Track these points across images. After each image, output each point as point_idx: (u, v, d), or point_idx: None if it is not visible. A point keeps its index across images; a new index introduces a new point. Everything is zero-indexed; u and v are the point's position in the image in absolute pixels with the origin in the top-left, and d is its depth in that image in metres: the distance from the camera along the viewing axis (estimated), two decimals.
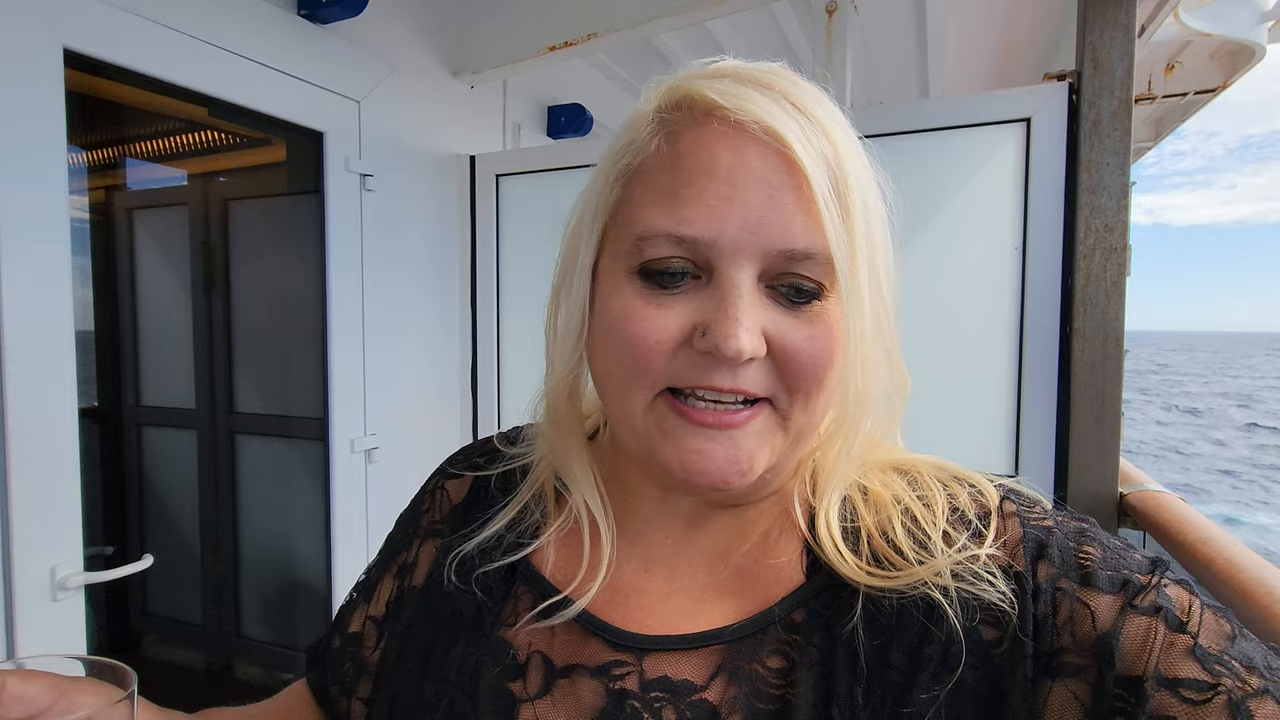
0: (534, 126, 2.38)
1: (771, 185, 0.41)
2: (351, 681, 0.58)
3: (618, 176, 0.47)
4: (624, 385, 0.45)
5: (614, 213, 0.47)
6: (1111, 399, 1.27)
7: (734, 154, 0.42)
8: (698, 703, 0.45)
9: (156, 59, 1.27)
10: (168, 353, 2.28)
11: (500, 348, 2.00)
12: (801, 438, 0.46)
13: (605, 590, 0.51)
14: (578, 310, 0.49)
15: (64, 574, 1.14)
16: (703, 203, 0.42)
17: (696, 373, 0.43)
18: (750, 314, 0.41)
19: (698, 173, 0.42)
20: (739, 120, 0.42)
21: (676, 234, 0.42)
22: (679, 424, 0.44)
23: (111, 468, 2.33)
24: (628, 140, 0.47)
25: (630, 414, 0.46)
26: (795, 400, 0.44)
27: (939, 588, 0.43)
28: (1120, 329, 1.26)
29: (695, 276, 0.43)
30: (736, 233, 0.41)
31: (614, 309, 0.45)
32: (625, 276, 0.45)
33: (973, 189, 1.40)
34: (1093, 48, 1.23)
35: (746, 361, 0.42)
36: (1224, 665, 0.38)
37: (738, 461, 0.43)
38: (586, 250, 0.48)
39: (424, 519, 0.62)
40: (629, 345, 0.44)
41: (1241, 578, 0.80)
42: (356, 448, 1.72)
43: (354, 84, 1.67)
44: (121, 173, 2.40)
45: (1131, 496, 1.24)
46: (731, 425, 0.43)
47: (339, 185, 1.65)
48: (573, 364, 0.51)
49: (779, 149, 0.42)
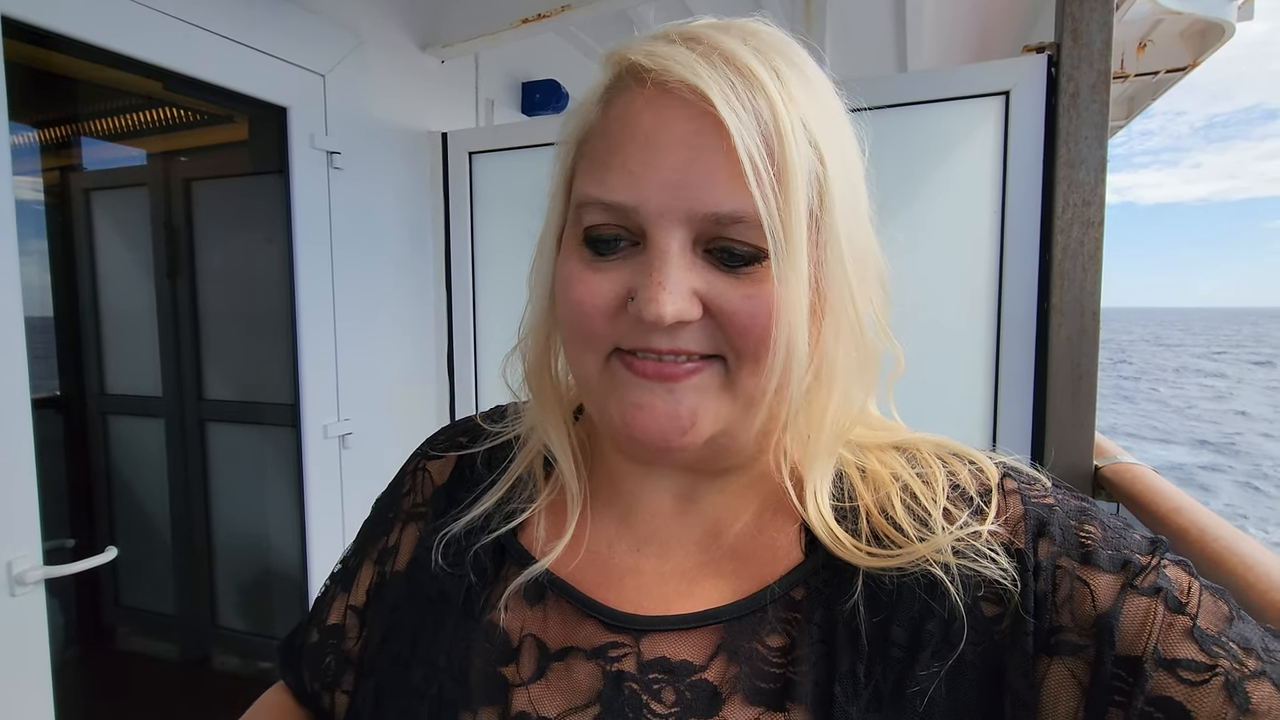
0: (508, 103, 2.32)
1: (693, 147, 0.40)
2: (335, 675, 0.56)
3: (571, 146, 0.47)
4: (576, 348, 0.46)
5: (568, 182, 0.48)
6: (1087, 373, 1.28)
7: (655, 116, 0.41)
8: (697, 683, 0.44)
9: (104, 28, 1.20)
10: (132, 339, 2.20)
11: (476, 329, 1.97)
12: (753, 403, 0.44)
13: (599, 571, 0.50)
14: (546, 280, 0.49)
15: (21, 568, 1.10)
16: (625, 168, 0.41)
17: (636, 335, 0.43)
18: (676, 278, 0.40)
19: (623, 138, 0.42)
20: (663, 80, 0.41)
21: (604, 201, 0.42)
22: (625, 378, 0.44)
23: (76, 458, 2.26)
24: (579, 110, 0.47)
25: (587, 375, 0.46)
26: (744, 362, 0.42)
27: (940, 564, 0.43)
28: (1097, 303, 1.27)
29: (634, 244, 0.43)
30: (658, 196, 0.40)
31: (561, 274, 0.46)
32: (575, 245, 0.45)
33: (952, 163, 1.39)
34: (1072, 18, 1.22)
35: (684, 325, 0.41)
36: (1222, 647, 0.38)
37: (678, 418, 0.43)
38: (553, 220, 0.49)
39: (405, 502, 0.60)
40: (572, 309, 0.44)
41: (1215, 546, 0.81)
42: (330, 433, 1.68)
43: (318, 57, 1.60)
44: (77, 152, 2.30)
45: (1106, 469, 1.25)
46: (671, 378, 0.43)
47: (305, 163, 1.59)
48: (542, 332, 0.51)
49: (704, 108, 0.40)
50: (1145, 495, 1.06)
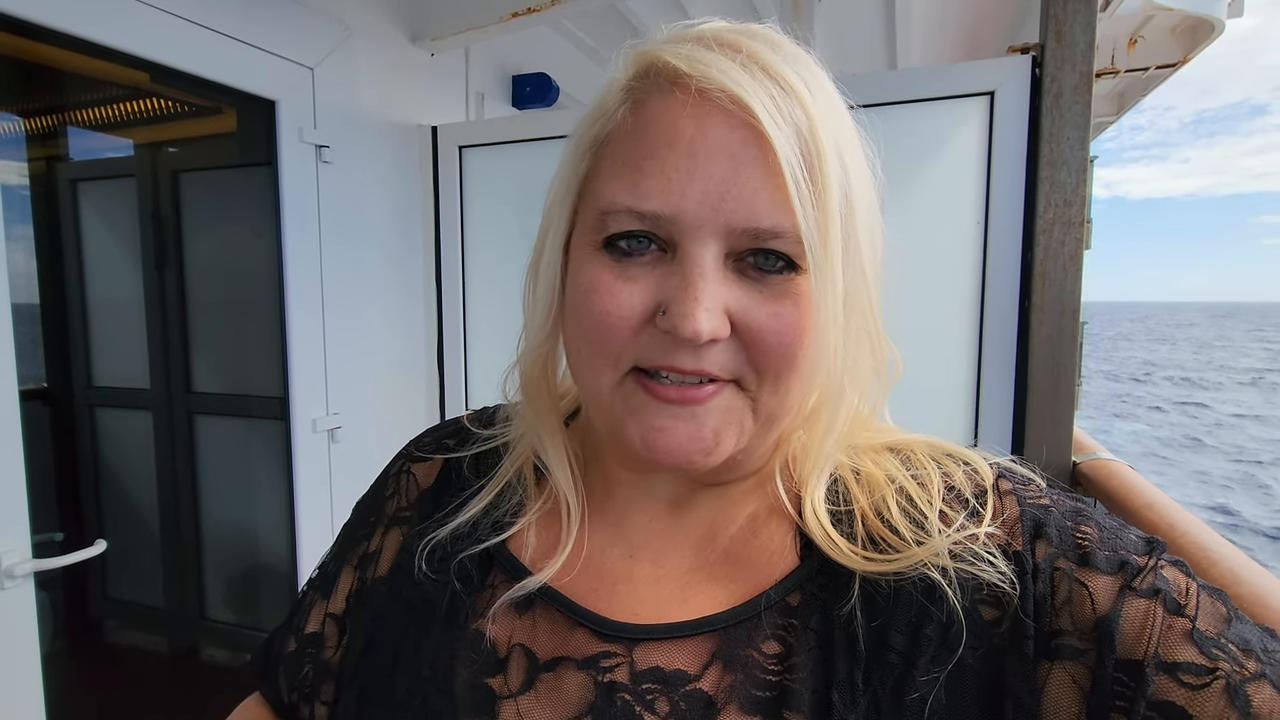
0: (498, 96, 2.32)
1: (735, 158, 0.39)
2: (314, 685, 0.54)
3: (588, 147, 0.45)
4: (592, 362, 0.44)
5: (584, 184, 0.46)
6: (1066, 371, 1.30)
7: (696, 124, 0.40)
8: (692, 693, 0.43)
9: (90, 21, 1.19)
10: (120, 331, 2.20)
11: (466, 323, 1.97)
12: (773, 420, 0.44)
13: (590, 578, 0.49)
14: (550, 285, 0.47)
15: (10, 562, 1.10)
16: (662, 175, 0.40)
17: (660, 351, 0.41)
18: (711, 293, 0.40)
19: (659, 144, 0.40)
20: (703, 89, 0.40)
21: (637, 209, 0.40)
22: (645, 400, 0.43)
23: (63, 451, 2.25)
24: (598, 109, 0.45)
25: (599, 391, 0.44)
26: (764, 382, 0.42)
27: (937, 568, 0.42)
28: (1076, 302, 1.29)
29: (661, 249, 0.42)
30: (697, 208, 0.39)
31: (581, 282, 0.43)
32: (592, 251, 0.43)
33: (937, 163, 1.41)
34: (1056, 20, 1.24)
35: (710, 342, 0.40)
36: (1221, 649, 0.38)
37: (701, 439, 0.42)
38: (560, 223, 0.47)
39: (388, 505, 0.58)
40: (594, 320, 0.42)
41: (1183, 541, 0.83)
42: (319, 427, 1.69)
43: (307, 50, 1.60)
44: (63, 142, 2.28)
45: (1084, 465, 1.28)
46: (694, 401, 0.42)
47: (293, 156, 1.59)
48: (544, 339, 0.49)
49: (746, 119, 0.39)
50: (1120, 491, 1.09)
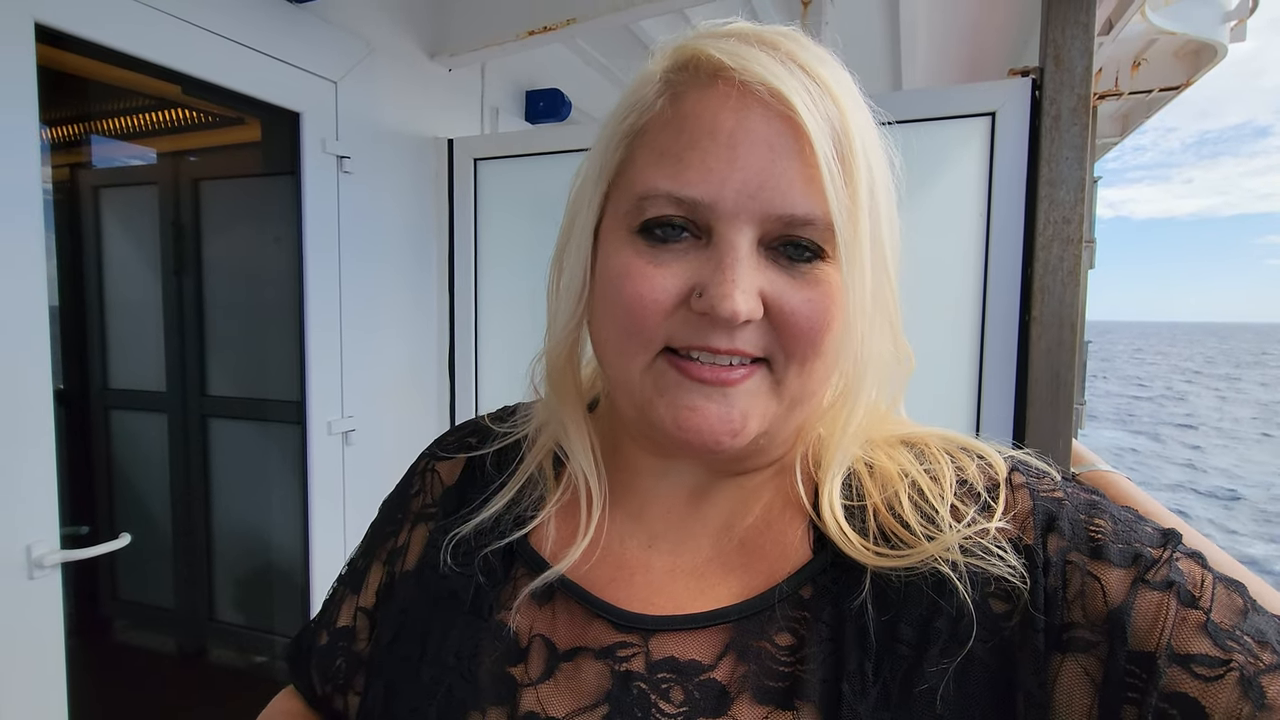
0: (512, 111, 2.38)
1: (774, 149, 0.41)
2: (346, 677, 0.56)
3: (623, 136, 0.46)
4: (622, 345, 0.45)
5: (617, 173, 0.47)
6: (1065, 383, 1.33)
7: (737, 116, 0.42)
8: (706, 682, 0.44)
9: (130, 35, 1.25)
10: (137, 335, 2.24)
11: (478, 331, 2.01)
12: (797, 404, 0.45)
13: (609, 568, 0.50)
14: (579, 271, 0.48)
15: (40, 552, 1.14)
16: (704, 165, 0.41)
17: (693, 333, 0.43)
18: (747, 276, 0.41)
19: (700, 134, 0.42)
20: (744, 81, 0.42)
21: (677, 195, 0.42)
22: (676, 380, 0.44)
23: (80, 451, 2.29)
24: (634, 100, 0.47)
25: (629, 374, 0.45)
26: (791, 364, 0.43)
27: (948, 562, 0.43)
28: (1075, 316, 1.32)
29: (695, 236, 0.43)
30: (735, 196, 0.41)
31: (613, 267, 0.45)
32: (626, 236, 0.44)
33: (940, 179, 1.45)
34: (1054, 45, 1.28)
35: (744, 324, 0.42)
36: (1236, 641, 0.38)
37: (730, 420, 0.43)
38: (590, 210, 0.48)
39: (414, 502, 0.60)
40: (626, 304, 0.43)
41: None
42: (334, 430, 1.73)
43: (331, 64, 1.66)
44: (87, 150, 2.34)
45: (1083, 477, 1.30)
46: (727, 383, 0.43)
47: (316, 166, 1.64)
48: (572, 326, 0.50)
49: (783, 111, 0.41)
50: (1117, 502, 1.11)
